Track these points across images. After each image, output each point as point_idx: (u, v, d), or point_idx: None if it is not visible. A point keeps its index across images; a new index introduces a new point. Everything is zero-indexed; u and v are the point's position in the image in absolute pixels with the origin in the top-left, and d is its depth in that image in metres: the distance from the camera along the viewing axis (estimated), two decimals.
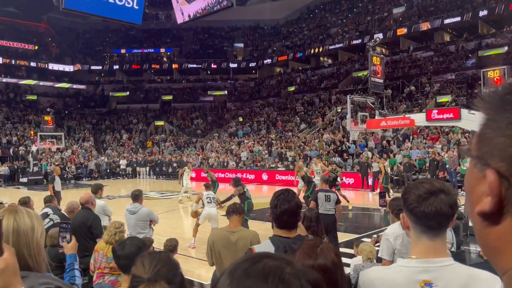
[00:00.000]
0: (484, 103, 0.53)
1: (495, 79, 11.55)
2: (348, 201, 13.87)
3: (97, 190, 6.61)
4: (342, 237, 7.67)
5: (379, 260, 3.81)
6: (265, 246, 2.43)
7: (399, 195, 4.38)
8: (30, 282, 1.30)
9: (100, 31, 47.72)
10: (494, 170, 0.50)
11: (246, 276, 0.61)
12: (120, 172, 29.65)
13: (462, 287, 1.35)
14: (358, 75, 33.09)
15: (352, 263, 4.95)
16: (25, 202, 5.56)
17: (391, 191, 15.96)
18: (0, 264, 1.11)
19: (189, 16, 16.84)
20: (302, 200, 7.72)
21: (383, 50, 35.97)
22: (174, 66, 45.77)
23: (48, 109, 31.86)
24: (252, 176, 23.67)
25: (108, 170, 29.53)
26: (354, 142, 22.06)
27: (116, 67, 45.74)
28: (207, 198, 9.25)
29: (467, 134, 18.60)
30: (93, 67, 45.07)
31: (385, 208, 4.38)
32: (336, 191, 7.94)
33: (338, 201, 6.84)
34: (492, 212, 0.51)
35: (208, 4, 15.55)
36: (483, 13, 30.02)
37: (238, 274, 0.61)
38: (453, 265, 1.41)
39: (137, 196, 6.17)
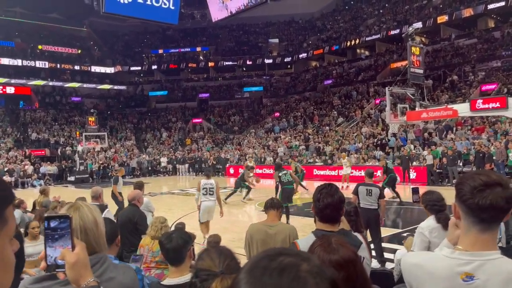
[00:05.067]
0: None
1: None
2: (306, 189, 14.06)
3: (139, 187, 6.81)
4: (384, 232, 7.54)
5: None
6: (308, 240, 2.45)
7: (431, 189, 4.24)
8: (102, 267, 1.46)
9: (138, 33, 49.05)
10: None
11: (263, 274, 0.63)
12: (161, 170, 30.45)
13: (504, 282, 1.32)
14: (397, 66, 32.17)
15: (396, 257, 4.88)
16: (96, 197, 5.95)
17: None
18: (72, 258, 1.21)
19: (227, 13, 17.04)
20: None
21: (423, 39, 34.72)
22: (210, 64, 46.32)
23: (92, 110, 33.17)
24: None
25: (149, 168, 30.40)
26: (394, 135, 21.54)
27: (154, 67, 46.85)
28: (203, 189, 8.36)
29: None
30: (132, 68, 46.39)
31: (418, 203, 4.29)
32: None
33: (381, 196, 6.71)
34: None
35: (244, 2, 15.68)
36: None
37: (256, 272, 0.64)
38: (498, 259, 1.37)
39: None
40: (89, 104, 41.66)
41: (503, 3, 29.46)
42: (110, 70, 45.18)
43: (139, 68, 46.58)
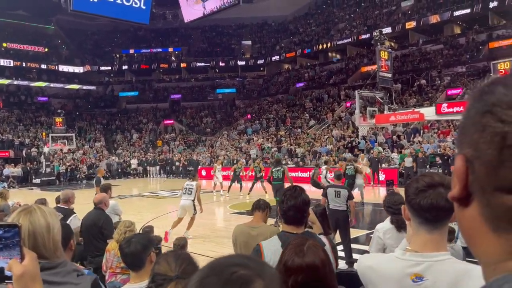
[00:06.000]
0: (469, 94, 0.56)
1: (505, 70, 11.41)
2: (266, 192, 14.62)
3: (106, 190, 6.65)
4: (354, 233, 7.64)
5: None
6: (273, 242, 2.46)
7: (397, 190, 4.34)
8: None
9: (108, 32, 48.07)
10: (462, 156, 0.52)
11: (212, 284, 0.60)
12: (131, 172, 29.89)
13: (452, 282, 1.35)
14: (367, 70, 32.85)
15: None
16: (42, 203, 5.64)
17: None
18: (18, 270, 1.13)
19: (199, 14, 16.93)
20: None
21: (392, 44, 35.63)
22: (183, 65, 45.93)
23: (59, 111, 32.25)
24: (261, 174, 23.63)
25: (119, 170, 29.79)
26: (364, 137, 21.93)
27: (125, 67, 46.04)
28: (184, 189, 9.29)
29: None
30: (102, 68, 45.41)
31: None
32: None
33: (350, 197, 6.80)
34: (461, 198, 0.53)
35: (216, 3, 15.61)
36: (493, 4, 29.55)
37: (206, 281, 0.61)
38: (447, 260, 1.41)
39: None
40: (56, 104, 40.47)
41: (468, 10, 30.62)
42: (79, 69, 44.06)
43: (109, 68, 45.64)
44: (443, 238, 1.47)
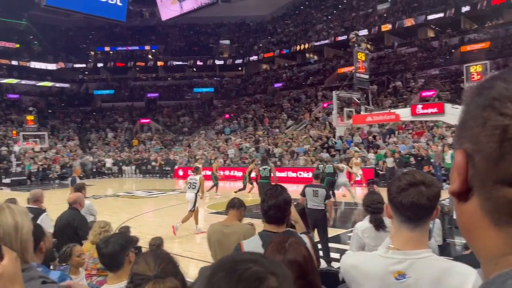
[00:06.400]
0: (466, 92, 0.56)
1: (477, 73, 11.78)
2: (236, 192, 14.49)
3: (80, 189, 6.49)
4: (331, 232, 7.72)
5: None
6: (254, 241, 2.45)
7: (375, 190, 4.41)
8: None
9: (83, 28, 47.03)
10: (462, 151, 0.53)
11: (222, 280, 0.58)
12: (106, 171, 29.32)
13: (435, 279, 1.37)
14: (344, 71, 33.28)
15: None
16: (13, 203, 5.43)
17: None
18: None
19: (177, 12, 16.74)
20: None
21: (368, 46, 36.22)
22: (160, 63, 45.41)
23: (31, 108, 31.29)
24: (239, 174, 23.59)
25: (93, 169, 29.18)
26: (341, 137, 22.19)
27: (100, 65, 45.18)
28: (188, 183, 9.87)
29: (451, 128, 18.88)
30: (76, 65, 44.43)
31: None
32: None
33: (327, 197, 6.86)
34: (461, 192, 0.53)
35: (194, 2, 15.47)
36: (465, 9, 30.44)
37: (215, 278, 0.59)
38: (429, 257, 1.43)
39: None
40: (28, 102, 39.25)
41: (441, 15, 31.43)
42: (51, 66, 42.93)
43: (84, 65, 44.71)
44: (424, 236, 1.49)
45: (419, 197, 1.40)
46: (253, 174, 14.95)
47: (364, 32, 32.31)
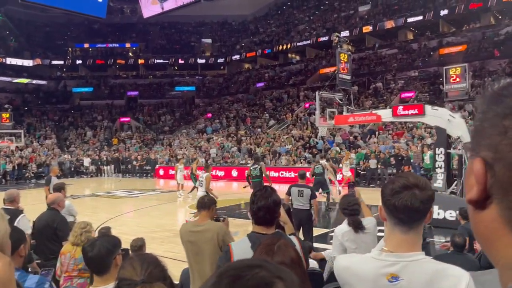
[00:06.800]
0: (482, 98, 0.55)
1: (456, 75, 12.01)
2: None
3: (59, 189, 6.32)
4: (315, 231, 7.74)
5: None
6: (242, 243, 2.42)
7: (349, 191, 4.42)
8: None
9: (61, 24, 46.00)
10: (481, 159, 0.52)
11: (229, 285, 0.56)
12: (85, 171, 28.77)
13: (427, 282, 1.38)
14: (326, 72, 33.53)
15: (326, 255, 5.01)
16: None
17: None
18: None
19: (158, 10, 16.54)
20: None
21: (350, 47, 36.62)
22: (140, 61, 44.84)
23: (6, 106, 30.42)
24: (221, 173, 23.54)
25: (72, 169, 28.60)
26: (322, 138, 22.35)
27: (79, 62, 44.30)
28: (199, 181, 10.26)
29: (430, 130, 19.23)
30: (54, 62, 43.42)
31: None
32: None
33: (312, 196, 6.87)
34: (479, 200, 0.52)
35: (177, 3, 15.31)
36: (444, 12, 31.12)
37: (221, 283, 0.57)
38: (421, 260, 1.43)
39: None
40: (3, 99, 38.13)
41: (420, 18, 32.04)
42: (28, 62, 41.83)
43: (62, 62, 43.75)
44: (417, 238, 1.49)
45: (413, 200, 1.40)
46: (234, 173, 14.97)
47: (345, 33, 32.67)
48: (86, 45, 45.69)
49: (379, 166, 18.37)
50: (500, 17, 31.51)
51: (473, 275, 1.35)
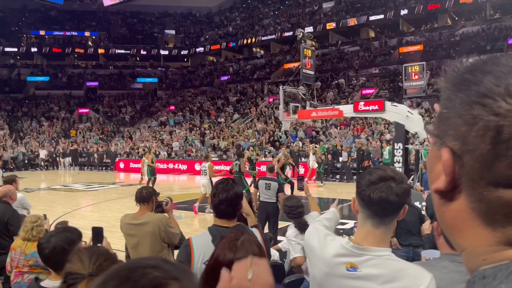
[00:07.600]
0: (444, 81, 0.52)
1: (415, 73, 12.44)
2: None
3: (11, 182, 6.01)
4: (280, 224, 7.80)
5: None
6: (203, 237, 2.38)
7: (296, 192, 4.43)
8: None
9: (15, 9, 43.72)
10: (449, 149, 0.50)
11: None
12: (40, 163, 27.57)
13: (387, 278, 1.38)
14: (290, 67, 33.79)
15: (282, 246, 5.06)
16: None
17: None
18: None
19: None
20: None
21: (313, 43, 37.08)
22: (100, 51, 43.41)
23: None
24: (184, 167, 23.23)
25: (25, 161, 27.32)
26: (286, 132, 22.55)
27: (34, 49, 42.31)
28: (202, 170, 10.85)
29: (388, 125, 19.84)
30: (7, 49, 41.29)
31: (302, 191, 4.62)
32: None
33: (280, 190, 6.91)
34: (447, 190, 0.51)
35: None
36: (404, 12, 32.10)
37: (108, 285, 0.55)
38: (385, 256, 1.43)
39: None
40: None
41: (381, 16, 32.90)
42: None
43: (16, 49, 41.68)
44: (387, 234, 1.49)
45: (388, 192, 1.39)
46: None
47: (309, 29, 33.00)
48: (42, 32, 43.68)
49: (350, 160, 18.68)
50: (456, 18, 32.88)
51: (439, 276, 1.39)
